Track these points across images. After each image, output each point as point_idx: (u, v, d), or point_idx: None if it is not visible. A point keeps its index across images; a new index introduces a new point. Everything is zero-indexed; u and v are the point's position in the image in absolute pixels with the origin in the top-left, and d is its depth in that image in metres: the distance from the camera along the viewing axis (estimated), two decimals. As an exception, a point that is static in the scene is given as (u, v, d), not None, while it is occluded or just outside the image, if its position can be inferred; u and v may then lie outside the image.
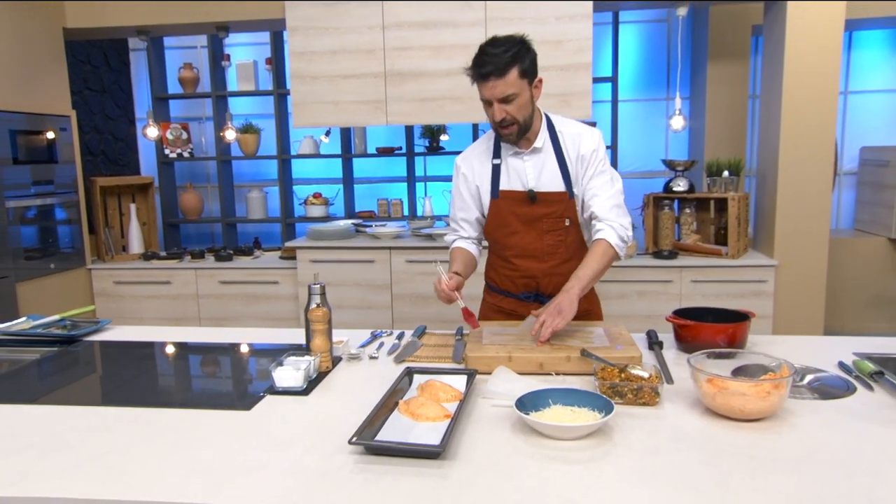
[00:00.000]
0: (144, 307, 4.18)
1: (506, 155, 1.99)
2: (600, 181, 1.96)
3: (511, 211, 1.98)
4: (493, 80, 1.78)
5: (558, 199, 1.96)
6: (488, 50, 1.79)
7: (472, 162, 2.05)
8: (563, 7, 3.58)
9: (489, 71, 1.77)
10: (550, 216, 1.97)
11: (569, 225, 1.98)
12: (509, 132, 1.87)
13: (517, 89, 1.80)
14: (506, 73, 1.77)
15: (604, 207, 1.93)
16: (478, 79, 1.81)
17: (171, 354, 1.96)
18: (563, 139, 1.98)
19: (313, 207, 4.89)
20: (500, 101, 1.80)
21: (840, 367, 1.64)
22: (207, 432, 1.34)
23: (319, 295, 1.72)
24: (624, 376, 1.47)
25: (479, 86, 1.83)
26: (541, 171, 1.96)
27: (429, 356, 1.80)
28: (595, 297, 2.21)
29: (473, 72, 1.82)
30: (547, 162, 1.96)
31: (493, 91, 1.79)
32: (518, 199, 1.98)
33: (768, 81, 3.80)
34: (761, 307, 3.67)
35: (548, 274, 2.02)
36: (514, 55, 1.78)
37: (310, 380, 1.60)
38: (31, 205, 3.75)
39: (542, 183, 1.96)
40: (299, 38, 3.78)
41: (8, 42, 3.62)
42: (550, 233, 1.98)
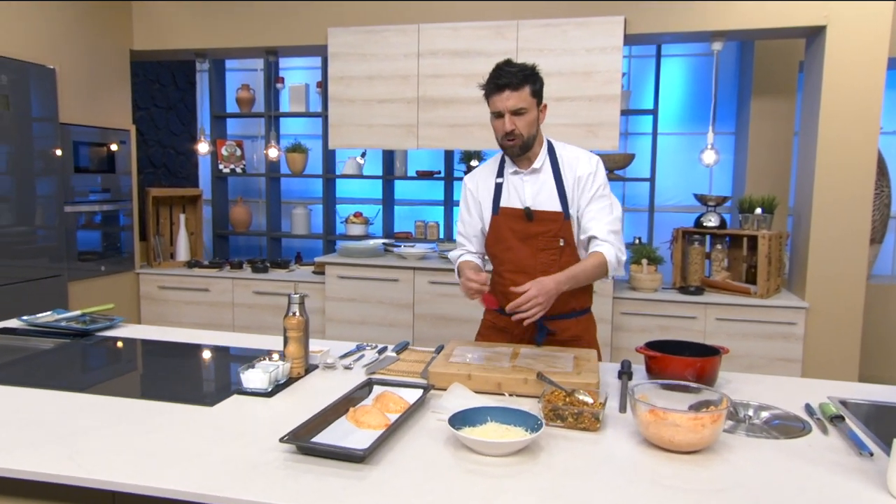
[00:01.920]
0: (184, 312, 4.41)
1: (508, 174, 2.10)
2: (599, 205, 2.05)
3: (508, 227, 2.08)
4: (507, 92, 1.91)
5: (553, 219, 2.04)
6: (505, 67, 1.94)
7: (477, 180, 2.17)
8: (594, 39, 3.62)
9: (506, 83, 1.91)
10: (545, 234, 2.05)
11: (563, 245, 2.05)
12: (513, 144, 1.97)
13: (528, 105, 1.94)
14: (520, 88, 1.92)
15: (602, 231, 2.02)
16: (493, 91, 1.94)
17: (165, 352, 2.10)
18: (561, 162, 2.07)
19: (353, 226, 5.05)
20: (512, 112, 1.92)
21: (806, 409, 1.61)
22: (166, 422, 1.45)
23: (298, 304, 1.81)
24: (568, 401, 1.49)
25: (492, 99, 1.95)
26: (538, 190, 2.05)
27: (400, 370, 1.87)
28: (591, 324, 2.21)
29: (490, 84, 1.95)
30: (545, 182, 2.06)
31: (506, 102, 1.91)
32: (515, 216, 2.07)
33: (807, 118, 3.72)
34: (790, 350, 3.55)
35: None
36: (529, 75, 1.94)
37: (277, 384, 1.70)
38: (88, 210, 4.05)
39: (539, 202, 2.05)
40: (339, 63, 3.97)
41: (79, 60, 3.96)
42: (545, 251, 2.05)
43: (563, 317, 2.08)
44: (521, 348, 1.93)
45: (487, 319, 2.26)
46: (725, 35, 3.69)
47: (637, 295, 3.75)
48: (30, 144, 3.57)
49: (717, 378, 1.79)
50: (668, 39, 3.94)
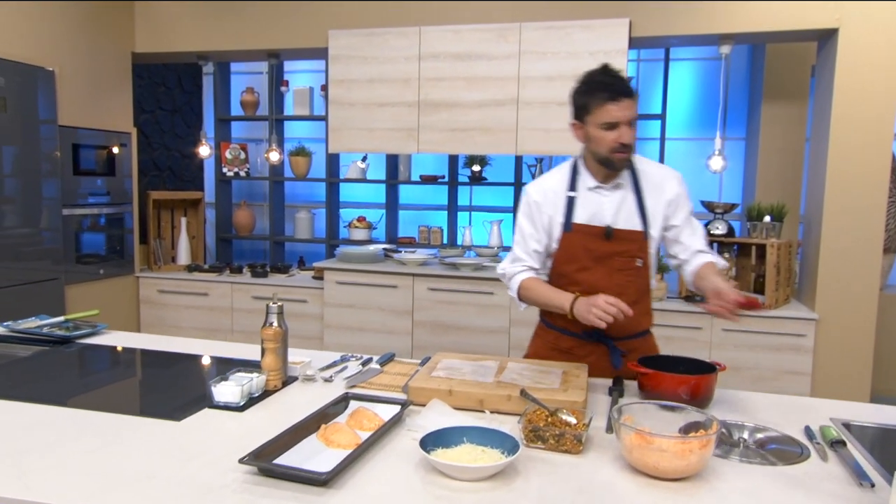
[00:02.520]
0: (183, 316, 4.37)
1: (582, 188, 1.94)
2: (693, 222, 1.97)
3: (583, 246, 1.92)
4: (626, 101, 1.77)
5: (634, 238, 1.91)
6: (616, 74, 1.80)
7: (545, 191, 1.98)
8: (599, 42, 3.55)
9: (625, 91, 1.77)
10: (624, 254, 1.91)
11: (640, 266, 1.93)
12: (626, 157, 1.84)
13: (638, 115, 1.83)
14: (634, 96, 1.80)
15: (704, 244, 1.96)
16: (607, 99, 1.77)
17: (142, 361, 2.04)
18: (643, 178, 1.94)
19: (356, 230, 5.00)
20: (629, 123, 1.79)
21: (805, 432, 1.51)
22: (128, 439, 1.39)
23: (276, 314, 1.75)
24: (550, 420, 1.41)
25: (606, 107, 1.77)
26: (619, 207, 1.92)
27: (382, 384, 1.80)
28: (654, 344, 2.09)
29: (603, 91, 1.78)
30: (627, 199, 1.92)
31: (626, 112, 1.77)
32: (592, 235, 1.91)
33: (818, 123, 3.61)
34: (799, 363, 3.44)
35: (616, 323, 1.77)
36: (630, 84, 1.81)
37: (251, 397, 1.63)
38: (88, 213, 4.03)
39: (620, 220, 1.91)
40: (340, 67, 3.92)
41: (80, 62, 3.94)
42: (622, 272, 1.91)
43: (631, 337, 1.97)
44: (508, 362, 1.85)
45: (547, 340, 2.06)
46: (734, 38, 3.59)
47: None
48: (28, 147, 3.55)
49: (712, 396, 1.70)
50: (675, 42, 3.85)
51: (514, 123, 3.70)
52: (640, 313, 1.92)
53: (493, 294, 3.74)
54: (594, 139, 1.84)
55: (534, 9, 3.69)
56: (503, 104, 3.70)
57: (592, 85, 1.81)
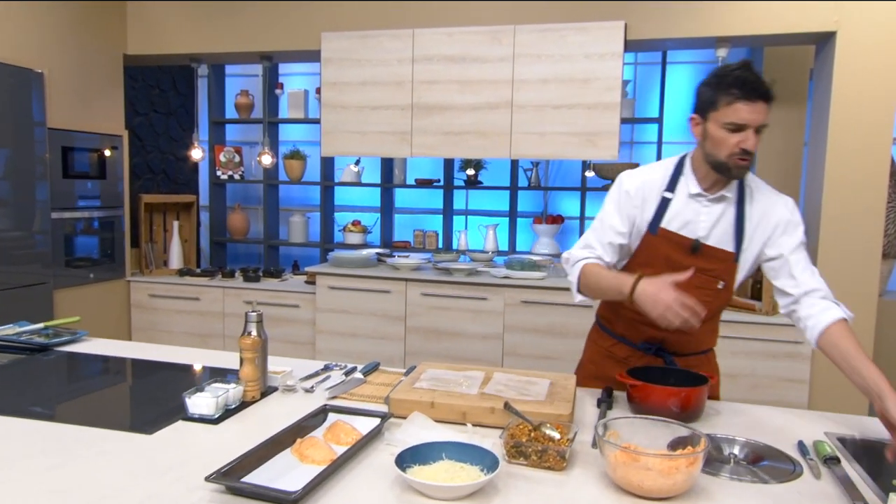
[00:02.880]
0: (175, 321, 4.33)
1: (682, 192, 1.76)
2: (806, 255, 1.76)
3: (665, 254, 1.76)
4: (761, 104, 1.59)
5: (723, 259, 1.75)
6: (755, 73, 1.61)
7: (641, 184, 1.80)
8: (594, 45, 3.50)
9: (764, 92, 1.59)
10: (707, 273, 1.74)
11: (721, 288, 1.76)
12: (747, 164, 1.65)
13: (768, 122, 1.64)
14: (770, 101, 1.61)
15: (823, 286, 1.72)
16: (740, 98, 1.59)
17: (119, 370, 1.99)
18: (750, 195, 1.76)
19: (351, 234, 4.96)
20: (757, 129, 1.61)
21: (798, 448, 1.46)
22: (94, 453, 1.34)
23: (255, 323, 1.71)
24: (533, 435, 1.36)
25: (734, 106, 1.59)
26: (716, 222, 1.74)
27: (365, 394, 1.75)
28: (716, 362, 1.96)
29: (736, 89, 1.59)
30: (726, 215, 1.75)
31: (757, 115, 1.59)
32: (678, 245, 1.75)
33: (816, 127, 3.56)
34: (797, 371, 3.39)
35: (680, 331, 1.65)
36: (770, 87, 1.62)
37: (228, 409, 1.58)
38: (77, 217, 3.98)
39: (713, 236, 1.75)
40: (332, 69, 3.87)
41: (70, 64, 3.90)
42: (699, 290, 1.69)
43: (695, 354, 1.86)
44: (494, 372, 1.80)
45: (602, 346, 1.94)
46: (730, 41, 3.54)
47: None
48: (16, 149, 3.50)
49: (703, 408, 1.65)
50: (672, 45, 3.80)
51: (509, 127, 3.66)
52: (707, 331, 1.84)
53: (486, 300, 3.69)
54: (714, 139, 1.65)
55: (528, 11, 3.65)
56: (497, 107, 3.66)
57: (726, 79, 1.61)
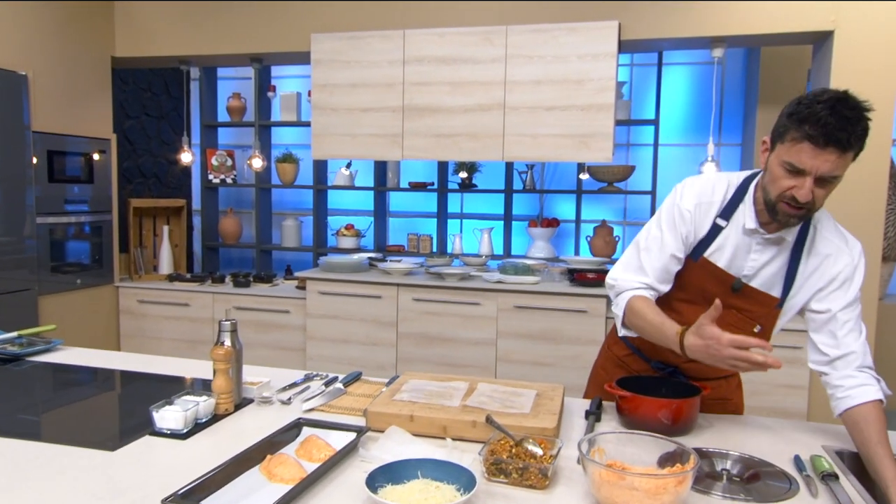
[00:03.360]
0: (164, 327, 4.26)
1: (736, 223, 1.56)
2: (857, 312, 1.54)
3: (701, 285, 1.60)
4: (832, 150, 1.32)
5: (765, 303, 1.58)
6: (845, 113, 1.32)
7: (699, 202, 1.59)
8: (587, 45, 3.44)
9: (838, 139, 1.32)
10: (745, 314, 1.59)
11: (758, 332, 1.61)
12: (797, 215, 1.43)
13: (842, 174, 1.37)
14: (849, 150, 1.34)
15: (864, 351, 1.52)
16: (809, 137, 1.34)
17: (90, 381, 1.92)
18: (812, 238, 1.55)
19: (344, 238, 4.89)
20: (820, 179, 1.36)
21: (794, 463, 1.40)
22: (51, 473, 1.27)
23: (229, 332, 1.64)
24: (514, 451, 1.30)
25: (799, 146, 1.35)
26: (765, 264, 1.56)
27: (344, 406, 1.68)
28: (739, 385, 1.87)
29: (812, 125, 1.33)
30: (779, 256, 1.55)
31: (823, 164, 1.33)
32: (719, 279, 1.58)
33: (814, 129, 3.50)
34: (795, 377, 3.32)
35: (698, 362, 1.49)
36: (863, 134, 1.35)
37: (198, 422, 1.52)
38: (63, 222, 3.92)
39: (759, 276, 1.57)
40: (322, 71, 3.82)
41: (56, 67, 3.84)
42: (732, 328, 1.50)
43: (712, 379, 1.74)
44: (479, 382, 1.73)
45: (617, 354, 1.84)
46: (726, 41, 3.48)
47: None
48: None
49: (696, 420, 1.58)
50: (666, 46, 3.74)
51: (501, 129, 3.60)
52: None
53: (479, 305, 3.62)
54: (771, 173, 1.44)
55: (520, 11, 3.59)
56: (489, 109, 3.59)
57: (805, 110, 1.35)
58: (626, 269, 1.64)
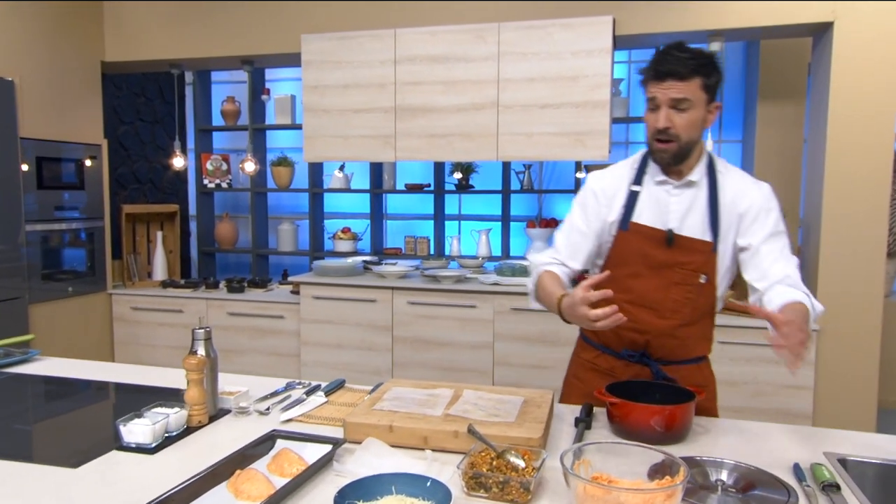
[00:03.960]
0: (158, 334, 4.20)
1: (649, 183, 1.70)
2: (781, 244, 1.63)
3: (639, 250, 1.68)
4: (671, 81, 1.55)
5: (700, 249, 1.64)
6: (674, 52, 1.57)
7: (607, 182, 1.74)
8: (581, 41, 3.37)
9: (671, 70, 1.55)
10: (686, 266, 1.64)
11: (704, 283, 1.65)
12: (665, 148, 1.60)
13: (694, 99, 1.56)
14: (688, 78, 1.55)
15: (794, 274, 1.58)
16: (653, 77, 1.58)
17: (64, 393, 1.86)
18: (721, 182, 1.67)
19: (341, 242, 4.83)
20: (672, 106, 1.57)
21: (794, 471, 1.32)
22: (2, 495, 1.21)
23: (203, 341, 1.58)
24: (495, 464, 1.23)
25: (650, 86, 1.60)
26: (688, 210, 1.66)
27: (323, 416, 1.61)
28: (711, 373, 1.81)
29: (651, 69, 1.59)
30: (697, 202, 1.66)
31: (666, 92, 1.56)
32: (652, 238, 1.66)
33: (815, 123, 3.42)
34: (800, 377, 3.24)
35: (663, 334, 1.68)
36: (703, 64, 1.56)
37: (169, 436, 1.45)
38: (53, 229, 3.87)
39: (687, 225, 1.66)
40: (313, 72, 3.76)
41: (44, 72, 3.79)
42: (680, 286, 1.64)
43: (685, 363, 1.74)
44: (465, 389, 1.67)
45: (584, 358, 1.85)
46: (724, 35, 3.40)
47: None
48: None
49: (690, 427, 1.51)
50: (663, 41, 3.64)
51: (495, 128, 3.53)
52: (695, 337, 1.72)
53: (475, 307, 3.55)
54: (645, 123, 1.66)
55: (512, 8, 3.52)
56: (483, 108, 3.53)
57: (652, 61, 1.59)
58: (547, 252, 1.79)
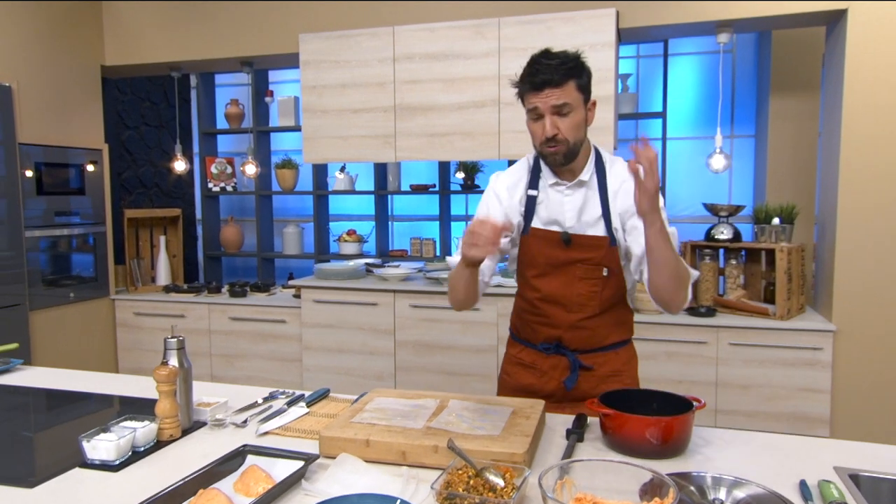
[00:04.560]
0: (160, 340, 4.15)
1: (544, 186, 1.75)
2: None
3: (541, 252, 1.74)
4: (548, 90, 1.57)
5: (597, 245, 1.70)
6: (543, 60, 1.59)
7: (507, 186, 1.79)
8: (584, 35, 3.27)
9: (546, 79, 1.56)
10: (586, 262, 1.71)
11: (607, 275, 1.71)
12: (556, 151, 1.63)
13: (573, 102, 1.59)
14: (563, 84, 1.57)
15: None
16: (530, 88, 1.60)
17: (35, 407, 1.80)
18: (610, 173, 1.73)
19: (346, 244, 4.77)
20: (555, 112, 1.59)
21: (800, 489, 1.22)
22: (-43, 513, 1.15)
23: (175, 350, 1.51)
24: (472, 483, 1.14)
25: (529, 97, 1.61)
26: (581, 209, 1.72)
27: (302, 429, 1.54)
28: (632, 357, 1.85)
29: (526, 82, 1.61)
30: (589, 200, 1.72)
31: (546, 100, 1.58)
32: (550, 241, 1.73)
33: (829, 116, 3.29)
34: (816, 380, 3.11)
35: (574, 327, 1.75)
36: (573, 67, 1.59)
37: (137, 451, 1.38)
38: (53, 234, 3.84)
39: (582, 223, 1.72)
40: (311, 72, 3.69)
41: (43, 77, 3.77)
42: (584, 281, 1.72)
43: (603, 350, 1.78)
44: (451, 399, 1.58)
45: (511, 354, 1.92)
46: (732, 25, 3.29)
47: (640, 318, 3.34)
48: (-17, 167, 3.38)
49: (689, 440, 1.41)
50: (669, 33, 3.56)
51: (496, 126, 3.44)
52: (606, 325, 1.76)
53: (478, 310, 3.46)
54: (530, 133, 1.67)
55: (512, 3, 3.43)
56: (483, 106, 3.44)
57: (523, 73, 1.62)
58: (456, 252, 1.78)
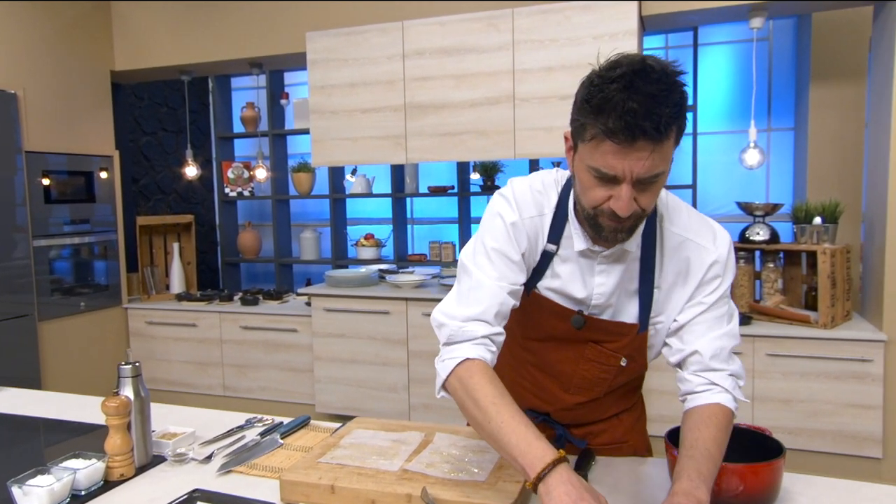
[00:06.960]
0: (173, 349, 4.08)
1: (569, 245, 1.22)
2: (717, 314, 1.19)
3: (544, 321, 1.29)
4: (642, 143, 0.97)
5: (622, 333, 1.25)
6: (646, 87, 0.96)
7: (524, 223, 1.21)
8: (603, 24, 3.06)
9: (645, 130, 0.96)
10: (603, 345, 1.27)
11: (625, 365, 1.28)
12: (621, 227, 1.10)
13: (667, 164, 1.03)
14: (665, 137, 0.99)
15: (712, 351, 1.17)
16: (611, 132, 0.98)
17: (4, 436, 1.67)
18: (663, 240, 1.21)
19: (364, 249, 4.63)
20: (639, 182, 1.02)
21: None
22: None
23: (130, 378, 1.36)
24: (441, 549, 0.96)
25: (601, 146, 1.01)
26: (614, 286, 1.22)
27: (269, 466, 1.37)
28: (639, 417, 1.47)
29: (612, 118, 0.97)
30: (628, 273, 1.22)
31: (636, 164, 0.99)
32: (558, 314, 1.26)
33: (877, 105, 3.01)
34: (866, 395, 2.84)
35: (569, 408, 1.36)
36: (680, 108, 1.00)
37: (78, 494, 1.24)
38: (63, 243, 3.78)
39: (610, 303, 1.24)
40: (319, 71, 3.55)
41: (50, 84, 3.71)
42: (594, 363, 1.29)
43: (600, 422, 1.42)
44: (437, 433, 1.40)
45: None
46: (767, 9, 3.04)
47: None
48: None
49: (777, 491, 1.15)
50: (697, 20, 3.31)
51: (511, 123, 3.25)
52: (610, 402, 1.38)
53: (495, 319, 3.27)
54: (579, 182, 1.11)
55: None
56: (498, 102, 3.25)
57: (598, 97, 0.99)
58: (458, 301, 1.20)
